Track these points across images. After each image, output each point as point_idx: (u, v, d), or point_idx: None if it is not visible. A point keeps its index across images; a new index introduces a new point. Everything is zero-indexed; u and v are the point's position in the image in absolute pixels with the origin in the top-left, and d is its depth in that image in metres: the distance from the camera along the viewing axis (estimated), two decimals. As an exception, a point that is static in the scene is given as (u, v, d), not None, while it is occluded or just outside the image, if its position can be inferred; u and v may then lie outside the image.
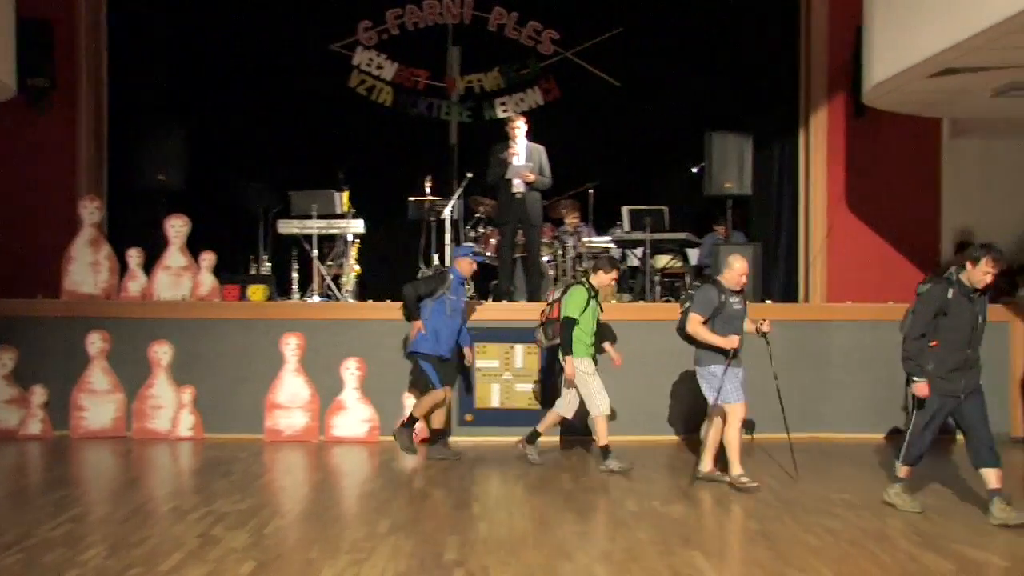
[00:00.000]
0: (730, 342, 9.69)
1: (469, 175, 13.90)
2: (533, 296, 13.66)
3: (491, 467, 11.38)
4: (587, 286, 10.55)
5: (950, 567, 7.37)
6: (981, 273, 8.29)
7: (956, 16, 10.39)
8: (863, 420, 13.25)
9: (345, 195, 13.95)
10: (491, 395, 12.88)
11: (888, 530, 8.49)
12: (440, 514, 9.12)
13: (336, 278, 13.84)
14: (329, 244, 14.03)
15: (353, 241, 14.01)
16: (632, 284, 14.78)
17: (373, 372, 12.65)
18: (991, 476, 8.22)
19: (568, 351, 10.38)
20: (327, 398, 12.62)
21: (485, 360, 12.77)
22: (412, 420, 11.12)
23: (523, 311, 12.90)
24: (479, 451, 12.17)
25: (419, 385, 11.55)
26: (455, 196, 13.88)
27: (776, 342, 12.21)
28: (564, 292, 10.87)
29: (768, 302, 14.14)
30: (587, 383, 10.46)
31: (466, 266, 11.24)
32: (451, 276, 11.06)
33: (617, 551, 7.70)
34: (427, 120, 16.02)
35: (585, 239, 14.62)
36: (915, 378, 8.71)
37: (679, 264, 14.98)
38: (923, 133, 15.00)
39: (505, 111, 15.85)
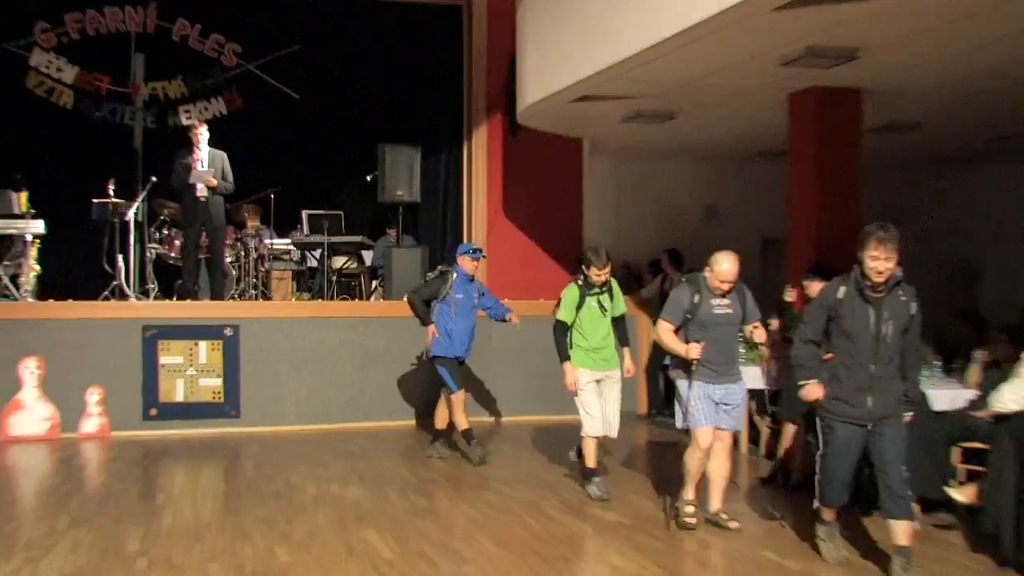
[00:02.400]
0: (690, 350, 7.92)
1: (153, 179, 14.01)
2: (216, 295, 14.01)
3: (177, 459, 11.63)
4: (580, 284, 9.28)
5: (586, 527, 8.26)
6: (870, 259, 6.46)
7: (590, 51, 11.31)
8: (520, 404, 14.16)
9: (23, 196, 13.70)
10: (176, 390, 13.12)
11: (539, 500, 9.15)
12: (123, 507, 9.04)
13: (14, 278, 13.56)
14: (7, 244, 13.71)
15: (33, 241, 13.62)
16: (311, 284, 15.25)
17: (53, 371, 12.68)
18: (897, 529, 6.51)
19: (562, 357, 9.21)
20: (5, 397, 12.60)
21: (170, 357, 13.05)
22: (465, 433, 10.87)
23: (207, 309, 13.46)
24: (164, 444, 12.34)
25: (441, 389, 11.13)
26: (139, 199, 13.92)
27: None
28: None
29: None
30: (579, 397, 9.20)
31: (467, 263, 10.82)
32: (454, 275, 10.80)
33: (296, 532, 7.98)
34: (111, 124, 15.87)
35: (267, 241, 14.99)
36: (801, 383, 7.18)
37: (355, 265, 15.50)
38: (568, 151, 16.17)
39: (189, 118, 15.89)
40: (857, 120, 11.82)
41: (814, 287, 8.71)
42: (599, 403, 9.19)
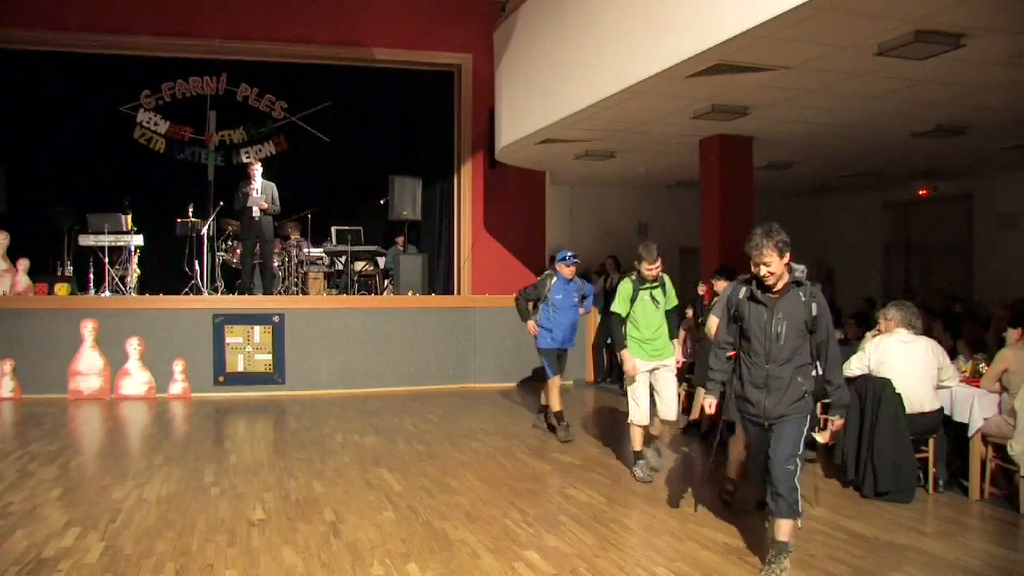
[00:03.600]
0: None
1: (221, 203, 14.07)
2: (267, 291, 13.95)
3: (239, 415, 11.56)
4: (633, 278, 7.93)
5: (548, 467, 8.30)
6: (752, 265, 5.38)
7: (549, 106, 11.51)
8: (496, 374, 14.12)
9: (129, 217, 13.83)
10: (237, 362, 13.07)
11: (511, 447, 9.19)
12: (200, 449, 9.09)
13: (122, 278, 13.65)
14: (117, 253, 13.74)
15: (135, 251, 13.76)
16: (338, 282, 15.09)
17: (150, 347, 12.69)
18: (778, 525, 5.25)
19: (619, 346, 7.94)
20: (116, 366, 12.63)
21: (233, 337, 13.02)
22: (557, 414, 9.85)
23: (260, 302, 13.38)
24: (229, 403, 12.36)
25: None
26: (210, 218, 13.91)
27: (438, 322, 13.41)
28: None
29: (433, 295, 14.97)
30: (631, 386, 7.89)
31: (564, 269, 9.58)
32: (553, 279, 9.65)
33: (328, 470, 8.03)
34: (191, 163, 15.74)
35: (305, 250, 14.72)
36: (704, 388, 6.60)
37: (371, 268, 15.34)
38: (534, 180, 16.35)
39: (247, 158, 15.69)
40: (749, 159, 11.99)
41: (720, 284, 8.74)
42: (646, 393, 7.83)
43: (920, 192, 17.20)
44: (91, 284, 13.85)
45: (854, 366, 7.54)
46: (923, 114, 10.42)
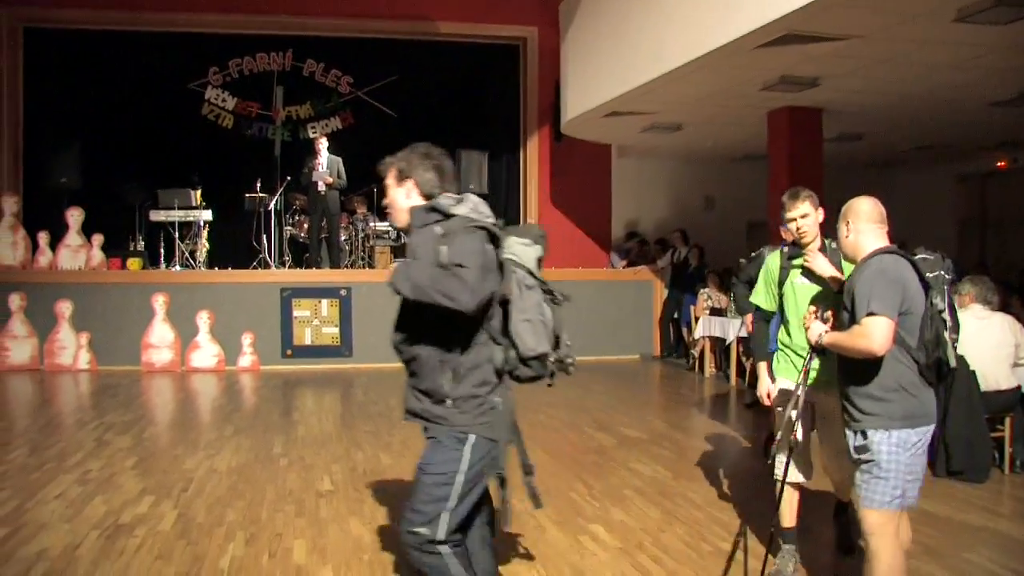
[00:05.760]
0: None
1: (288, 178, 14.16)
2: (334, 265, 14.13)
3: (306, 387, 11.73)
4: (785, 249, 4.99)
5: (613, 441, 8.25)
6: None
7: (617, 79, 11.46)
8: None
9: (198, 192, 14.05)
10: (305, 335, 13.31)
11: (577, 421, 9.20)
12: (269, 421, 9.23)
13: (192, 253, 13.92)
14: (187, 228, 14.03)
15: (204, 226, 14.04)
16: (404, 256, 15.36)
17: (220, 320, 12.99)
18: None
19: (757, 356, 5.18)
20: (186, 339, 12.94)
21: (301, 311, 13.24)
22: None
23: (327, 275, 13.61)
24: (297, 375, 12.59)
25: None
26: (278, 193, 14.01)
27: None
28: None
29: None
30: (780, 420, 4.63)
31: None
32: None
33: (395, 442, 8.10)
34: (258, 139, 15.95)
35: (371, 224, 14.90)
36: None
37: None
38: (600, 154, 16.29)
39: (314, 133, 15.89)
40: (819, 131, 11.82)
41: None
42: (800, 433, 4.61)
43: (998, 164, 16.79)
44: (162, 259, 14.12)
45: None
46: (1003, 82, 10.14)
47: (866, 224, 4.01)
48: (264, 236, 14.14)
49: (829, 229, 4.57)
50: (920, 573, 4.89)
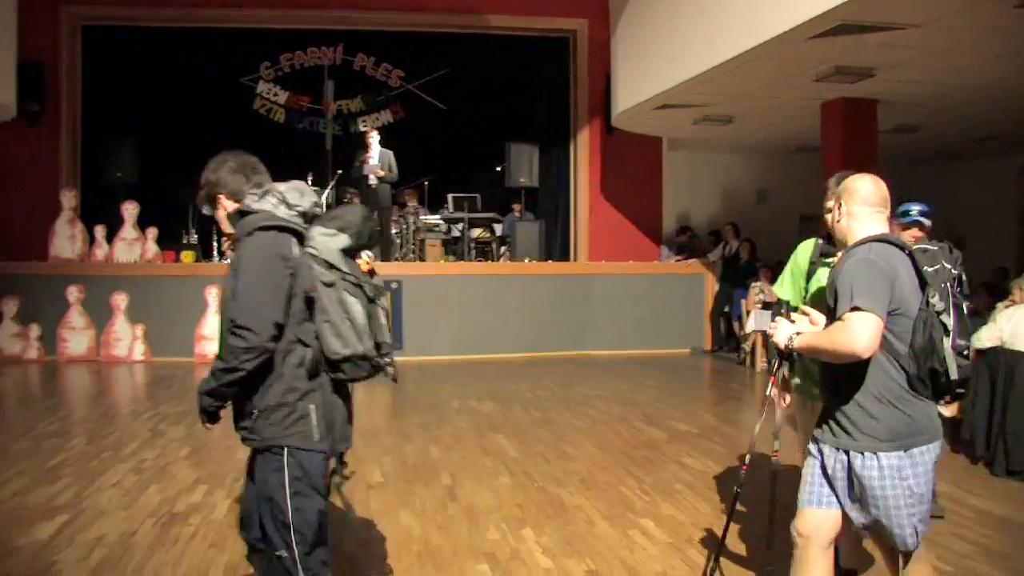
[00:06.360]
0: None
1: (339, 172, 14.20)
2: (385, 258, 14.07)
3: None
4: (818, 243, 4.33)
5: (663, 435, 8.23)
6: None
7: (668, 70, 11.41)
8: (613, 341, 14.16)
9: None
10: None
11: (627, 414, 9.16)
12: None
13: None
14: None
15: None
16: (455, 249, 15.14)
17: None
18: None
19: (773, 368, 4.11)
20: None
21: None
22: None
23: (378, 268, 13.52)
24: None
25: None
26: (329, 186, 13.98)
27: (555, 289, 13.41)
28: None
29: (550, 261, 15.04)
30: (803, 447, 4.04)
31: (906, 231, 4.92)
32: None
33: (445, 435, 8.14)
34: (309, 133, 15.99)
35: (422, 217, 14.95)
36: None
37: (488, 235, 15.44)
38: (650, 146, 16.14)
39: (365, 126, 15.89)
40: (874, 123, 11.64)
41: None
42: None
43: (1064, 157, 16.46)
44: (215, 251, 14.23)
45: (984, 338, 7.18)
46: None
47: (861, 207, 3.41)
48: (315, 229, 14.14)
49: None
50: (977, 574, 4.82)
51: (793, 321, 3.54)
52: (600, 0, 15.13)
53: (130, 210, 13.75)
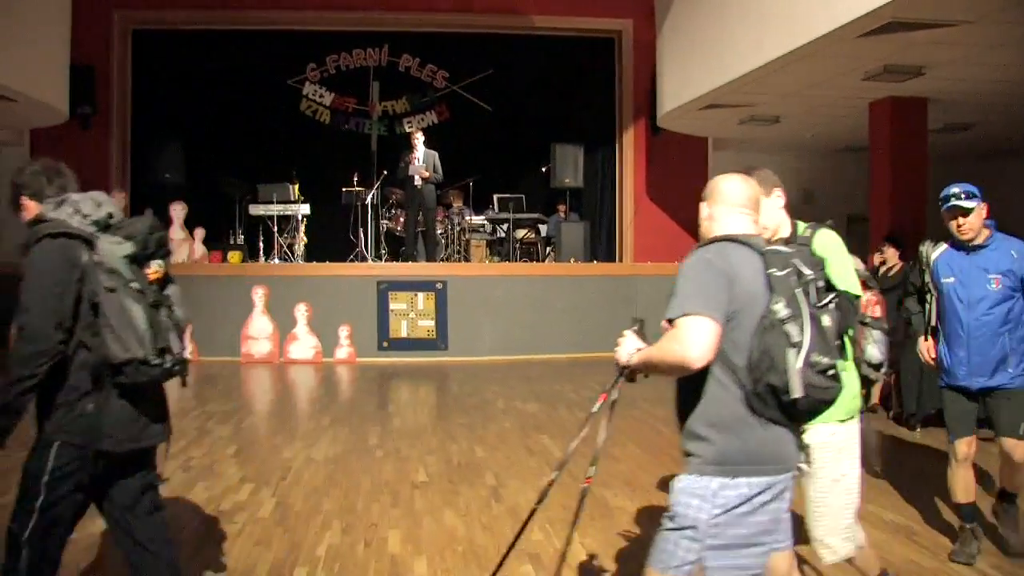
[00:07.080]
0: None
1: (384, 173, 14.34)
2: (430, 258, 14.34)
3: (402, 379, 11.93)
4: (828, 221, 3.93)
5: None
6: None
7: (714, 70, 11.34)
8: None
9: (296, 187, 14.23)
10: (401, 328, 13.42)
11: (671, 416, 9.04)
12: (365, 412, 9.40)
13: (290, 246, 14.14)
14: (285, 222, 14.23)
15: (302, 219, 14.24)
16: (500, 250, 15.20)
17: (317, 312, 13.22)
18: None
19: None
20: (285, 331, 13.20)
21: (397, 303, 13.36)
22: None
23: (423, 268, 13.77)
24: (393, 368, 12.70)
25: None
26: (375, 187, 14.24)
27: (600, 289, 13.40)
28: None
29: (595, 262, 15.06)
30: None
31: (954, 221, 5.00)
32: (940, 248, 5.00)
33: (489, 436, 8.15)
34: (355, 134, 16.09)
35: (467, 218, 15.05)
36: None
37: (533, 235, 15.48)
38: (696, 147, 16.03)
39: (410, 127, 16.00)
40: (923, 122, 11.52)
41: (889, 252, 8.36)
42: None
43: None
44: (261, 252, 14.42)
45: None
46: None
47: (728, 208, 3.05)
48: (361, 230, 14.30)
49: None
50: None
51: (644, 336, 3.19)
52: (645, 0, 15.03)
53: (178, 211, 13.99)
